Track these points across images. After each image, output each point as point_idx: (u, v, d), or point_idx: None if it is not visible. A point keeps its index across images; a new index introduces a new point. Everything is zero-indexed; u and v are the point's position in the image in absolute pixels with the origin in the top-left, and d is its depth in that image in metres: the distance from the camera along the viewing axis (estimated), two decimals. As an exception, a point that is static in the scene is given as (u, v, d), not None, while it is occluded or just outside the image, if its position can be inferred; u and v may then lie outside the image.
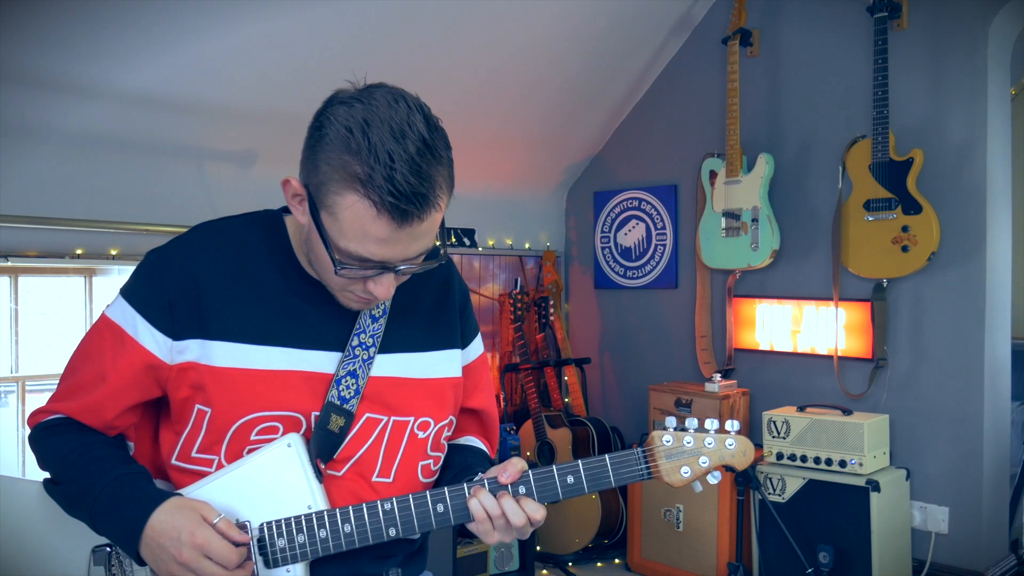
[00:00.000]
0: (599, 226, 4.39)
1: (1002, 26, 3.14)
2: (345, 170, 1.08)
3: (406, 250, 1.15)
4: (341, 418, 1.25)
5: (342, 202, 1.10)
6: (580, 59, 3.74)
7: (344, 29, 2.93)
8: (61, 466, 1.25)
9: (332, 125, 1.10)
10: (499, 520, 1.20)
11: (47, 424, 1.28)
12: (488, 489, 1.20)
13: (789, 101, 3.63)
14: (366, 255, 1.13)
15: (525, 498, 1.20)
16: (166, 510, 1.17)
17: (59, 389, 1.29)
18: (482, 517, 1.20)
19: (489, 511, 1.19)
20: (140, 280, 1.26)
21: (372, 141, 1.07)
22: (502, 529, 1.21)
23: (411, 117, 1.09)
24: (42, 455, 1.28)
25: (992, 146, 3.13)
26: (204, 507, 1.18)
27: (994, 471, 3.21)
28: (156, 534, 1.15)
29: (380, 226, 1.10)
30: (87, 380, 1.25)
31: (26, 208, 2.73)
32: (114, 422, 1.27)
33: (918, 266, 3.13)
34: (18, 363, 3.03)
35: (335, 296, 1.25)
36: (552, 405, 4.17)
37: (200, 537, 1.14)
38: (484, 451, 1.48)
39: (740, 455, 1.22)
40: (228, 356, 1.21)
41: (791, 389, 3.61)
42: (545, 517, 1.21)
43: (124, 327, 1.23)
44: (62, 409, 1.27)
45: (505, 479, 1.20)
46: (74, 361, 1.29)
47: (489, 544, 1.22)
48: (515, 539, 1.24)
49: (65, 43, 2.48)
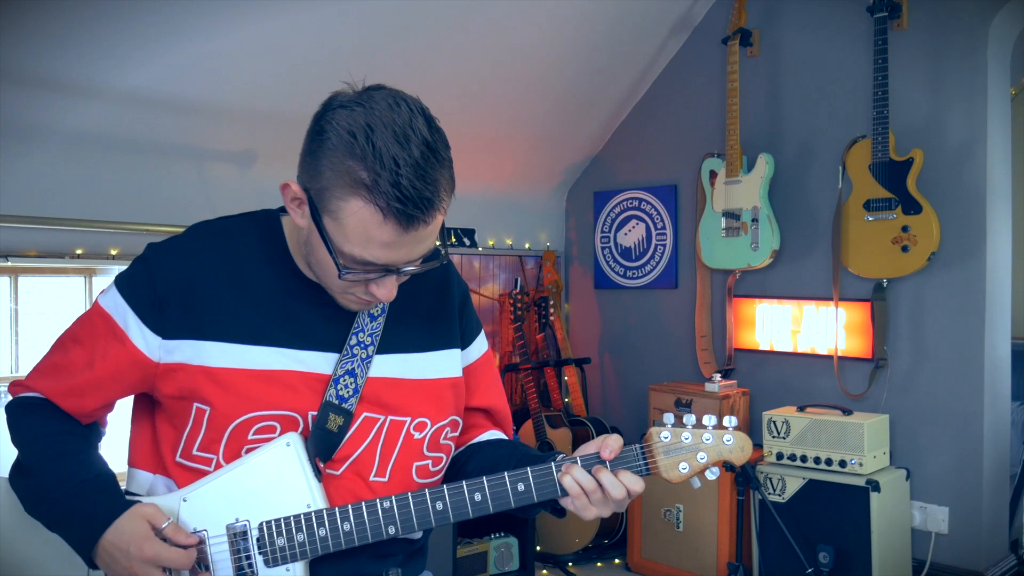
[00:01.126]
0: (599, 226, 4.39)
1: (1002, 26, 3.14)
2: (350, 176, 1.08)
3: (410, 253, 1.15)
4: (340, 417, 1.25)
5: (346, 207, 1.10)
6: (580, 59, 3.74)
7: (344, 29, 2.93)
8: (28, 451, 1.26)
9: (334, 130, 1.09)
10: (595, 494, 1.21)
11: (24, 400, 1.29)
12: (581, 465, 1.22)
13: (789, 101, 3.64)
14: (371, 259, 1.13)
15: (623, 470, 1.21)
16: (118, 521, 1.18)
17: (42, 364, 1.29)
18: (577, 492, 1.21)
19: (584, 485, 1.21)
20: (135, 274, 1.26)
21: (376, 146, 1.07)
22: (599, 503, 1.22)
23: (413, 120, 1.09)
24: (14, 430, 1.29)
25: (992, 146, 3.13)
26: (152, 513, 1.20)
27: (994, 471, 3.21)
28: (108, 544, 1.18)
29: (386, 231, 1.10)
30: (74, 364, 1.26)
31: (26, 208, 2.73)
32: (92, 411, 1.28)
33: (918, 266, 3.13)
34: (18, 363, 3.03)
35: (335, 298, 1.25)
36: (552, 405, 4.17)
37: (149, 551, 1.17)
38: (510, 440, 1.47)
39: (738, 451, 1.23)
40: (223, 356, 1.21)
41: (791, 389, 3.61)
42: (643, 488, 1.23)
43: (116, 319, 1.24)
44: (42, 388, 1.28)
45: (607, 454, 1.22)
46: (64, 341, 1.29)
47: (587, 519, 1.24)
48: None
49: (65, 43, 2.48)
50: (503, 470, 1.24)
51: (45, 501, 1.22)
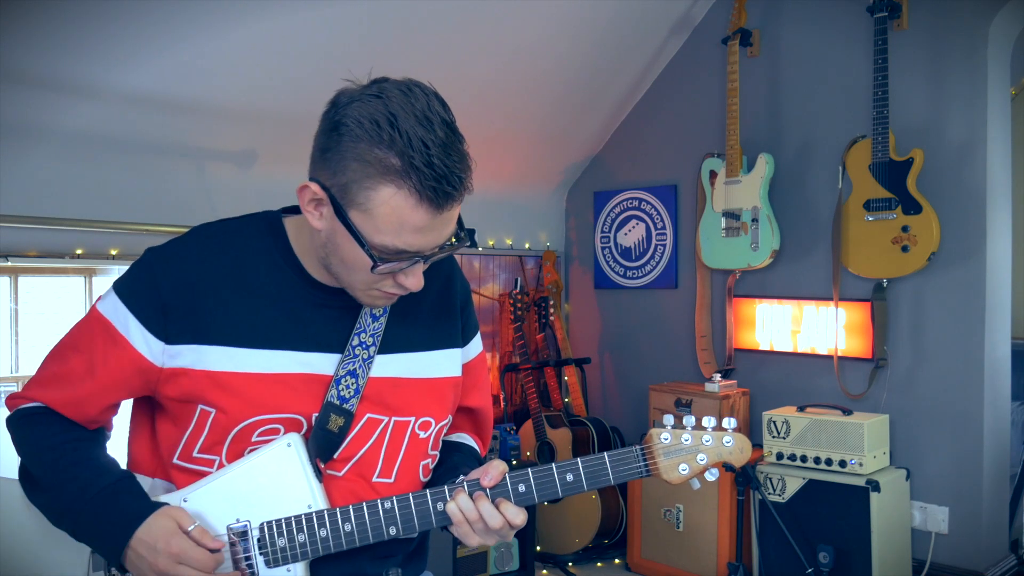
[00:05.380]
0: (599, 226, 4.39)
1: (1002, 26, 3.14)
2: (380, 164, 1.09)
3: (438, 237, 1.16)
4: (341, 418, 1.24)
5: (376, 196, 1.10)
6: (580, 59, 3.74)
7: (344, 30, 2.93)
8: (39, 463, 1.24)
9: (354, 121, 1.09)
10: (477, 523, 1.20)
11: (27, 411, 1.26)
12: (467, 492, 1.21)
13: (789, 101, 3.64)
14: (403, 247, 1.14)
15: (504, 501, 1.20)
16: (148, 520, 1.18)
17: (41, 375, 1.27)
18: (459, 519, 1.20)
19: (466, 514, 1.20)
20: (136, 279, 1.24)
21: (403, 131, 1.08)
22: (481, 532, 1.21)
23: (430, 103, 1.11)
24: (20, 443, 1.27)
25: (992, 146, 3.13)
26: (180, 515, 1.20)
27: (994, 471, 3.21)
28: (136, 543, 1.17)
29: (419, 215, 1.11)
30: (74, 372, 1.24)
31: (26, 208, 2.73)
32: (96, 417, 1.27)
33: (918, 266, 3.13)
34: (18, 363, 3.03)
35: (357, 297, 1.23)
36: (552, 405, 4.17)
37: (175, 546, 1.16)
38: (475, 449, 1.48)
39: (738, 452, 1.23)
40: (226, 360, 1.21)
41: (791, 389, 3.61)
42: (525, 521, 1.21)
43: (116, 325, 1.22)
44: (43, 398, 1.25)
45: (487, 482, 1.21)
46: (61, 349, 1.27)
47: (470, 547, 1.23)
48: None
49: (65, 43, 2.48)
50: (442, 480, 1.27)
51: (69, 513, 1.21)
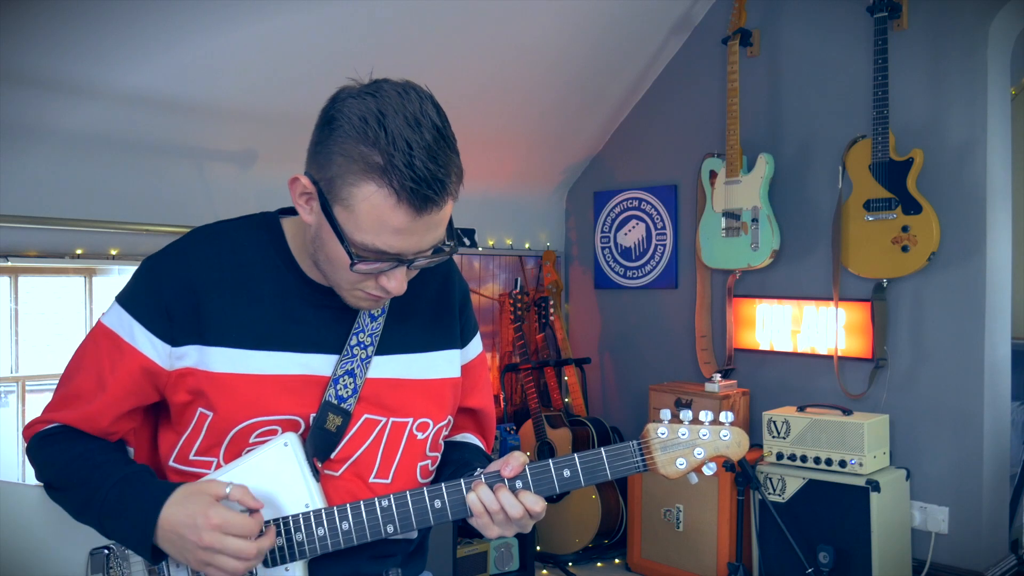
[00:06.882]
0: (599, 226, 4.39)
1: (1002, 26, 3.14)
2: (363, 160, 1.09)
3: (421, 241, 1.15)
4: (338, 417, 1.24)
5: (359, 193, 1.10)
6: (580, 59, 3.74)
7: (344, 30, 2.93)
8: (63, 473, 1.23)
9: (344, 117, 1.10)
10: (498, 514, 1.20)
11: (46, 433, 1.26)
12: (486, 483, 1.20)
13: (789, 101, 3.64)
14: (383, 247, 1.13)
15: (523, 491, 1.20)
16: (175, 501, 1.16)
17: (55, 399, 1.28)
18: (480, 511, 1.20)
19: (487, 505, 1.19)
20: (138, 287, 1.24)
21: (389, 130, 1.08)
22: (501, 523, 1.21)
23: (423, 106, 1.10)
24: (41, 465, 1.26)
25: (992, 146, 3.13)
26: (211, 485, 1.17)
27: (994, 471, 3.21)
28: (172, 525, 1.15)
29: (398, 216, 1.10)
30: (85, 389, 1.24)
31: (26, 208, 2.73)
32: (113, 428, 1.26)
33: (918, 266, 3.13)
34: (18, 363, 3.03)
35: (343, 297, 1.24)
36: (552, 405, 4.17)
37: (216, 517, 1.13)
38: (481, 448, 1.48)
39: (735, 446, 1.22)
40: (226, 361, 1.21)
41: (791, 389, 3.61)
42: (545, 509, 1.21)
43: (121, 334, 1.22)
44: (60, 419, 1.26)
45: (507, 472, 1.20)
46: (70, 370, 1.28)
47: (490, 538, 1.23)
48: (517, 533, 1.24)
49: (65, 43, 2.48)
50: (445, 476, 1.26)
51: (93, 502, 1.19)
